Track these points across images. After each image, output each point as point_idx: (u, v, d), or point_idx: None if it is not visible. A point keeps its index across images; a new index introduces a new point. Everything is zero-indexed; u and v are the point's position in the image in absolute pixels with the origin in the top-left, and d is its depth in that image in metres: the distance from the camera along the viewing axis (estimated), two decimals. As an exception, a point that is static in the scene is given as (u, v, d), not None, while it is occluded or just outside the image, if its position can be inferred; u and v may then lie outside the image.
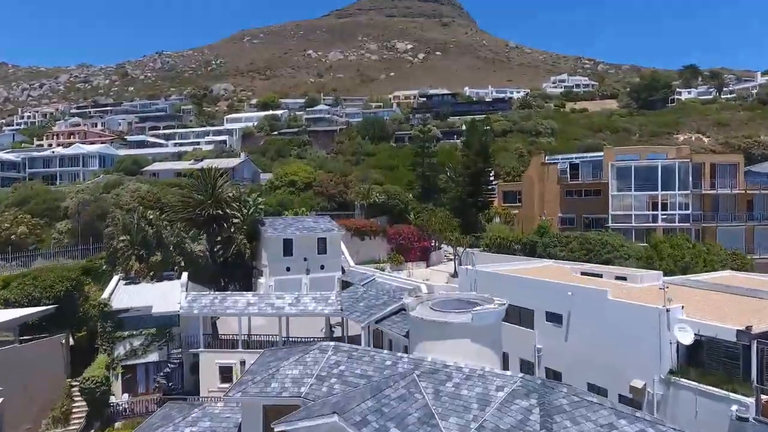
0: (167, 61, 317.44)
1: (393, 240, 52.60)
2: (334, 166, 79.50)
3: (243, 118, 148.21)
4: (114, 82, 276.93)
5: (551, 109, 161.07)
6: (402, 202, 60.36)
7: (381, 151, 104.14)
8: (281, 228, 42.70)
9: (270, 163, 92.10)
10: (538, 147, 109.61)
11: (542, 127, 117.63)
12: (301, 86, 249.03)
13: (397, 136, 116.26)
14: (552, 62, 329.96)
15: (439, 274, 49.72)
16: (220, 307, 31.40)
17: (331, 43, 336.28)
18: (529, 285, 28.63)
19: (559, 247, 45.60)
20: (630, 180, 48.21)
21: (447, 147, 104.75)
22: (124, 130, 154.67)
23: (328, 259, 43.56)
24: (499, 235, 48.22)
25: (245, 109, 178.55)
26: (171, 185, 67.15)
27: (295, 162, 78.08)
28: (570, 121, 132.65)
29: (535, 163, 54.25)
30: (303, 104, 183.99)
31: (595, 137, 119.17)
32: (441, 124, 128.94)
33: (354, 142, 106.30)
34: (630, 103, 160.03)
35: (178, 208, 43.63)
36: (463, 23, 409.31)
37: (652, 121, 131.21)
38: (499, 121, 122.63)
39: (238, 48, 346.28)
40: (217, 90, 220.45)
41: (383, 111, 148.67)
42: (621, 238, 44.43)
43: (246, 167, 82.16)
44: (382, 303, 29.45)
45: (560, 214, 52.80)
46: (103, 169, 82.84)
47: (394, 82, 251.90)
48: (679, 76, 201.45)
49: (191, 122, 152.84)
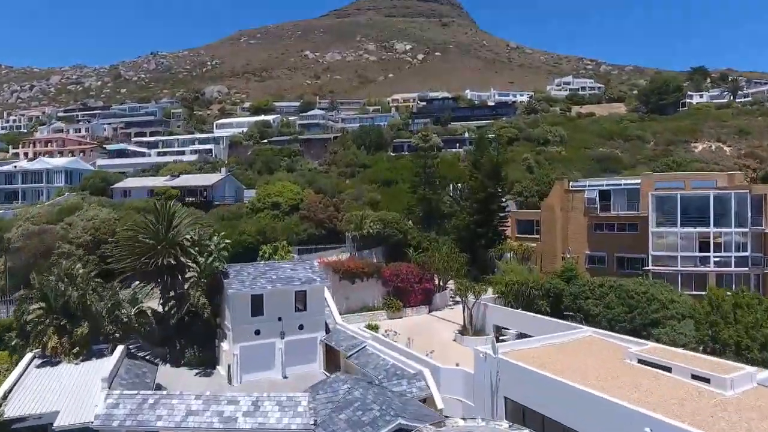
0: (162, 61, 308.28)
1: (389, 282, 43.93)
2: (326, 182, 70.71)
3: (234, 123, 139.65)
4: (106, 84, 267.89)
5: (557, 113, 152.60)
6: (400, 231, 51.64)
7: (377, 162, 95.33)
8: (249, 280, 33.94)
9: (256, 177, 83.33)
10: (546, 156, 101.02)
11: (551, 135, 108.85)
12: (297, 88, 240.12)
13: (396, 144, 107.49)
14: (553, 63, 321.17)
15: (445, 327, 41.01)
16: (150, 416, 22.67)
17: (329, 43, 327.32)
18: (582, 400, 19.97)
19: (592, 299, 36.88)
20: (674, 213, 39.55)
21: (449, 158, 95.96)
22: (108, 136, 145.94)
23: (309, 317, 34.85)
24: (516, 279, 39.52)
25: (237, 113, 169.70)
26: (138, 209, 58.38)
27: (281, 180, 69.25)
28: (579, 128, 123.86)
29: (558, 190, 45.56)
30: (298, 108, 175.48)
31: (606, 145, 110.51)
32: (442, 131, 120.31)
33: (349, 152, 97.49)
34: (639, 107, 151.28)
35: (122, 256, 34.87)
36: (463, 23, 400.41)
37: (666, 128, 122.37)
38: (504, 127, 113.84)
39: (235, 48, 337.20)
40: (210, 92, 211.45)
41: (381, 116, 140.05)
42: (669, 291, 35.70)
43: (228, 184, 73.40)
44: (371, 421, 20.78)
45: (588, 252, 44.15)
46: (69, 186, 74.12)
47: (392, 83, 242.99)
48: (687, 78, 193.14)
49: (179, 128, 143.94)
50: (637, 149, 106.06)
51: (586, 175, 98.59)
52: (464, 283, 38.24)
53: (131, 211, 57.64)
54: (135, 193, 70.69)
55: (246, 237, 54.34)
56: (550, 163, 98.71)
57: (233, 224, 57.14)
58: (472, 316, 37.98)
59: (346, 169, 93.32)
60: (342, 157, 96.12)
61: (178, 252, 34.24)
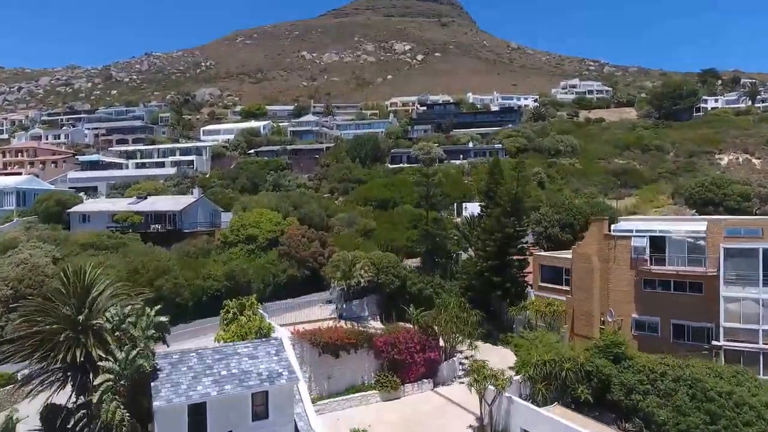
0: (155, 62, 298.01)
1: (383, 353, 34.28)
2: (313, 207, 60.95)
3: (221, 130, 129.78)
4: (96, 86, 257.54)
5: (564, 118, 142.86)
6: (397, 277, 42.03)
7: (374, 177, 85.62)
8: (188, 381, 24.25)
9: (238, 197, 73.47)
10: (559, 169, 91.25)
11: (562, 145, 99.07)
12: (292, 90, 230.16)
13: (394, 155, 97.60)
14: (555, 64, 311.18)
15: (454, 416, 31.37)
16: None
17: (327, 44, 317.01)
18: None
19: (654, 395, 27.27)
20: (755, 271, 30.02)
21: (452, 172, 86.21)
22: (90, 143, 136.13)
23: (272, 426, 25.27)
24: (546, 357, 29.94)
25: (227, 117, 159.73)
26: (85, 246, 48.76)
27: (263, 203, 59.53)
28: (591, 136, 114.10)
29: (595, 235, 35.69)
30: (291, 112, 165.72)
31: (622, 156, 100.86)
32: (443, 140, 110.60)
33: (342, 166, 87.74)
34: (651, 112, 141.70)
35: (17, 347, 25.19)
36: (463, 23, 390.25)
37: (684, 137, 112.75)
38: (511, 136, 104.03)
39: (230, 49, 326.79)
40: (201, 95, 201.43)
41: (378, 122, 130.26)
42: (763, 389, 26.09)
43: (201, 207, 63.60)
44: None
45: (635, 315, 34.40)
46: (22, 209, 64.30)
47: (391, 85, 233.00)
48: (698, 81, 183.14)
49: (164, 134, 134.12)
50: (656, 161, 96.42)
51: (603, 190, 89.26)
52: (482, 369, 28.57)
53: (78, 247, 47.95)
54: (95, 219, 60.91)
55: (212, 282, 44.80)
56: (562, 177, 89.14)
57: (198, 264, 47.56)
58: (492, 414, 28.33)
59: (338, 184, 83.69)
60: (334, 171, 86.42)
61: (90, 341, 24.53)
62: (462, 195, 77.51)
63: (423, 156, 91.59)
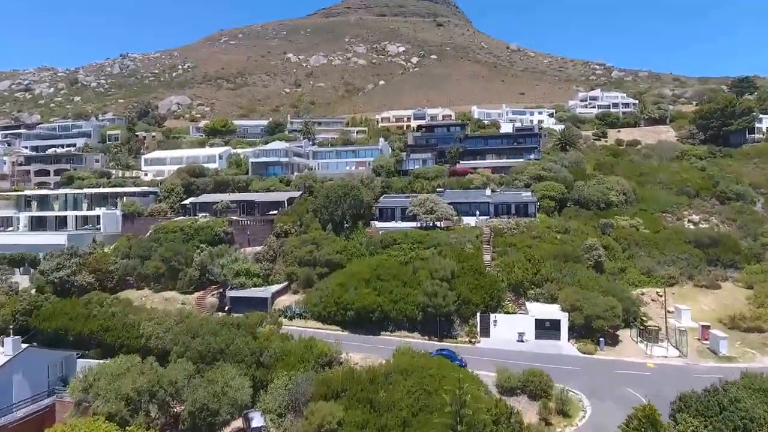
0: (128, 65, 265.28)
1: None
2: (236, 344, 30.94)
3: (168, 158, 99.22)
4: (59, 91, 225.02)
5: (590, 140, 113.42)
6: None
7: (352, 253, 55.69)
8: None
9: (118, 323, 43.28)
10: (618, 236, 61.24)
11: (614, 194, 69.26)
12: (273, 98, 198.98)
13: (383, 207, 67.61)
14: (558, 67, 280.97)
15: None
16: None
17: (315, 45, 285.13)
18: None
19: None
20: None
21: (468, 249, 55.84)
22: (6, 173, 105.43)
23: None
24: None
25: (185, 137, 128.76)
26: None
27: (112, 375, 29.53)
28: (640, 173, 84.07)
29: None
30: (265, 128, 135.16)
31: (694, 207, 71.32)
32: (448, 175, 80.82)
33: (306, 238, 57.44)
34: (694, 133, 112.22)
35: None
36: (459, 23, 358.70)
37: (758, 171, 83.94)
38: (541, 178, 73.81)
39: (212, 50, 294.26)
40: (168, 105, 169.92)
41: (366, 149, 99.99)
42: None
43: (25, 370, 33.42)
44: None
45: None
46: None
47: (383, 93, 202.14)
48: (730, 89, 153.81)
49: (97, 163, 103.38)
50: (747, 219, 66.88)
51: (687, 270, 57.78)
52: None
53: None
54: None
55: None
56: (625, 249, 59.45)
57: None
58: None
59: (298, 269, 53.65)
60: (295, 245, 56.21)
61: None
62: (487, 296, 47.84)
63: (424, 215, 61.76)
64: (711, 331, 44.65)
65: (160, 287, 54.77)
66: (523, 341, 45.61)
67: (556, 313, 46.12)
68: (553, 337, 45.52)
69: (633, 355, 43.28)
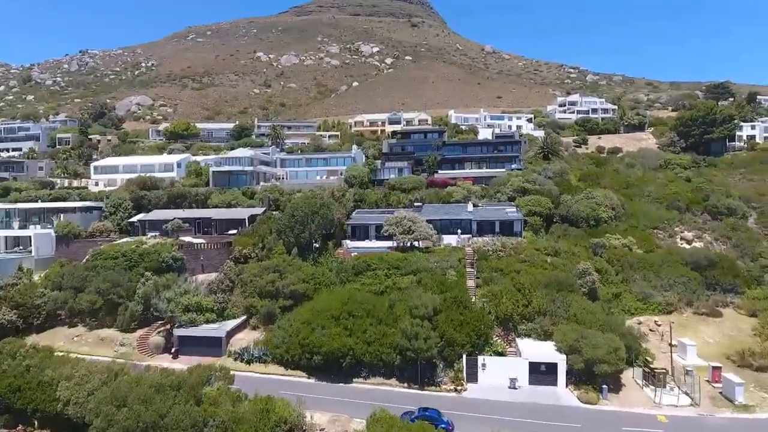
0: (87, 62, 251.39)
1: None
2: (173, 415, 23.88)
3: (120, 166, 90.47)
4: (11, 89, 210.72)
5: (571, 146, 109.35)
6: None
7: (320, 282, 49.11)
8: None
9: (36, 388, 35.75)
10: (610, 257, 56.36)
11: (603, 210, 64.48)
12: (241, 99, 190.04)
13: (355, 224, 61.30)
14: (534, 70, 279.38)
15: None
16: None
17: (287, 44, 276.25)
18: None
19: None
20: None
21: (452, 281, 49.87)
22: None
23: None
24: None
25: (143, 141, 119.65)
26: None
27: None
28: (626, 185, 79.91)
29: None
30: (230, 132, 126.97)
31: (685, 222, 67.17)
32: (426, 186, 74.93)
33: (269, 264, 50.44)
34: (674, 140, 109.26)
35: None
36: (433, 24, 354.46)
37: (747, 184, 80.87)
38: (526, 191, 68.68)
39: (179, 47, 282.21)
40: (126, 106, 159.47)
41: (338, 157, 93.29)
42: None
43: None
44: None
45: None
46: None
47: (356, 95, 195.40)
48: (708, 97, 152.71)
49: (41, 171, 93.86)
50: (743, 237, 62.88)
51: (685, 296, 53.66)
52: None
53: None
54: None
55: None
56: (618, 272, 54.57)
57: None
58: None
59: (259, 302, 46.78)
60: (255, 273, 49.21)
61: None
62: (474, 333, 41.88)
63: (401, 236, 55.66)
64: (724, 374, 39.73)
65: (96, 324, 47.07)
66: (516, 388, 39.82)
67: (552, 354, 40.50)
68: (549, 382, 39.89)
69: (640, 404, 37.96)
